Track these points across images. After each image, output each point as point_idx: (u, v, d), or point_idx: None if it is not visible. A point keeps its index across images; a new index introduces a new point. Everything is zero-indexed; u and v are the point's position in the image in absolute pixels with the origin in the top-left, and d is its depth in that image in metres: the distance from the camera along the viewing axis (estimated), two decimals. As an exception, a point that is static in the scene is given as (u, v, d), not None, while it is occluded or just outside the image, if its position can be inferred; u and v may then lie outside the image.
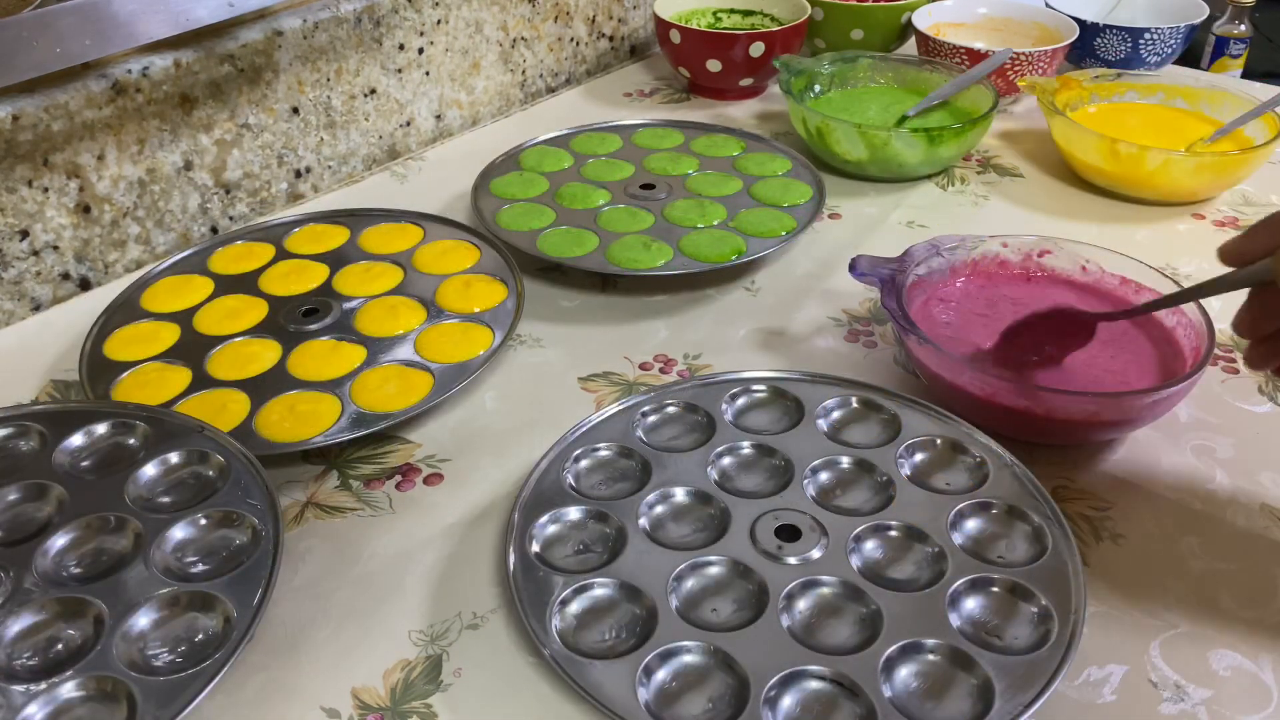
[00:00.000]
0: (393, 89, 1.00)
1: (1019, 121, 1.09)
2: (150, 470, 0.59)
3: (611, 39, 1.23)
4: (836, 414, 0.65)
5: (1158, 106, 1.03)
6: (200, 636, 0.51)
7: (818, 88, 1.06)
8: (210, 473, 0.59)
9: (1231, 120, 0.96)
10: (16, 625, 0.51)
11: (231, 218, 0.91)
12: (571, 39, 1.18)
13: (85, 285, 0.83)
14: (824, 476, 0.61)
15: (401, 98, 1.01)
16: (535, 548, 0.56)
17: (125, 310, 0.75)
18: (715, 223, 0.84)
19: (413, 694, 0.52)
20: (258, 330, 0.73)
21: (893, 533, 0.57)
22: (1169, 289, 0.70)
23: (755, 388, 0.67)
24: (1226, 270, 0.56)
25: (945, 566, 0.54)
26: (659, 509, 0.59)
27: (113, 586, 0.52)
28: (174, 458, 0.60)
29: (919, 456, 0.62)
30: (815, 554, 0.55)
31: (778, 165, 0.93)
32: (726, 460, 0.62)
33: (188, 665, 0.49)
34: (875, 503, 0.59)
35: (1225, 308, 0.80)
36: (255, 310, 0.75)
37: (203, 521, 0.56)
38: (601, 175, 0.91)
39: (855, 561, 0.55)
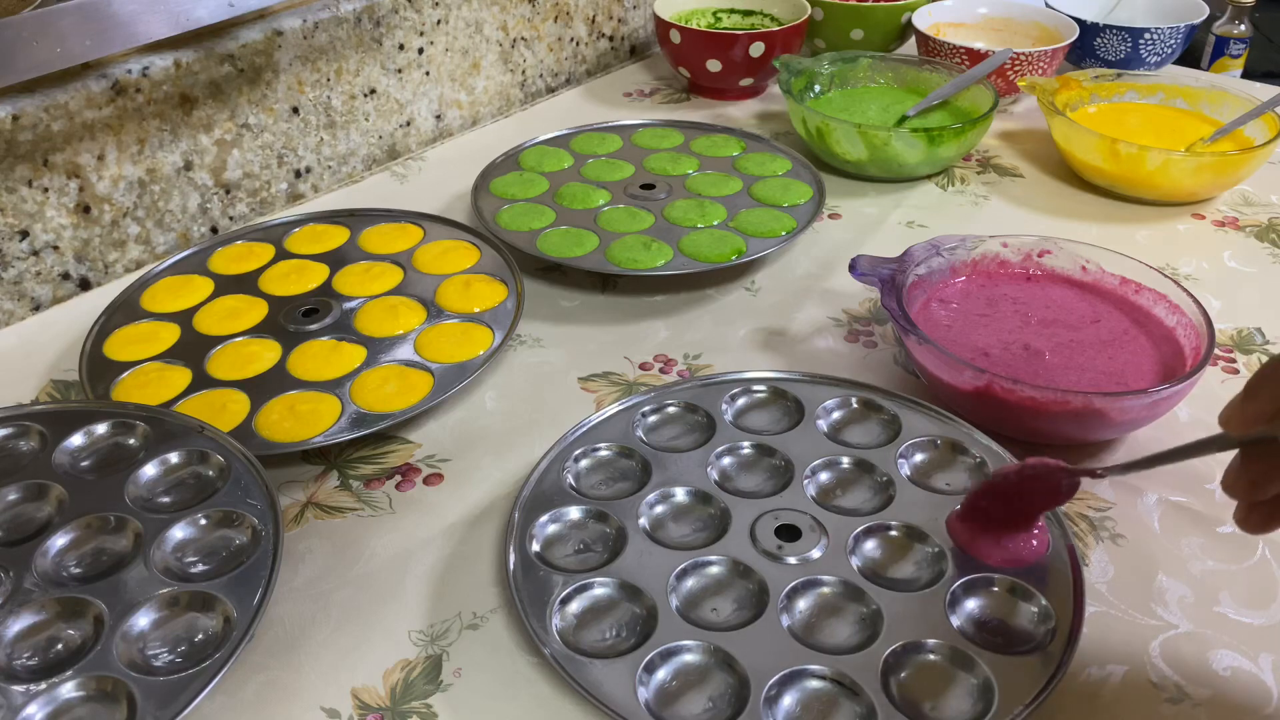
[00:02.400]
0: (393, 89, 1.00)
1: (1019, 121, 1.09)
2: (150, 470, 0.59)
3: (611, 39, 1.23)
4: (836, 414, 0.65)
5: (1158, 106, 1.03)
6: (200, 636, 0.51)
7: (818, 88, 1.06)
8: (210, 473, 0.59)
9: (1231, 120, 0.96)
10: (16, 625, 0.51)
11: (231, 218, 0.91)
12: (571, 39, 1.18)
13: (85, 285, 0.83)
14: (824, 476, 0.61)
15: (401, 98, 1.01)
16: (535, 547, 0.56)
17: (125, 310, 0.75)
18: (715, 223, 0.84)
19: (413, 694, 0.52)
20: (258, 330, 0.73)
21: (893, 533, 0.57)
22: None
23: (755, 388, 0.67)
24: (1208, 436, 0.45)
25: (945, 566, 0.54)
26: (659, 509, 0.59)
27: (113, 586, 0.52)
28: (174, 458, 0.60)
29: (919, 457, 0.62)
30: (815, 554, 0.55)
31: (778, 165, 0.93)
32: (726, 460, 0.62)
33: (188, 665, 0.49)
34: (875, 503, 0.59)
35: (1225, 308, 0.80)
36: (255, 310, 0.75)
37: (203, 521, 0.56)
38: (601, 175, 0.91)
39: (855, 561, 0.55)
